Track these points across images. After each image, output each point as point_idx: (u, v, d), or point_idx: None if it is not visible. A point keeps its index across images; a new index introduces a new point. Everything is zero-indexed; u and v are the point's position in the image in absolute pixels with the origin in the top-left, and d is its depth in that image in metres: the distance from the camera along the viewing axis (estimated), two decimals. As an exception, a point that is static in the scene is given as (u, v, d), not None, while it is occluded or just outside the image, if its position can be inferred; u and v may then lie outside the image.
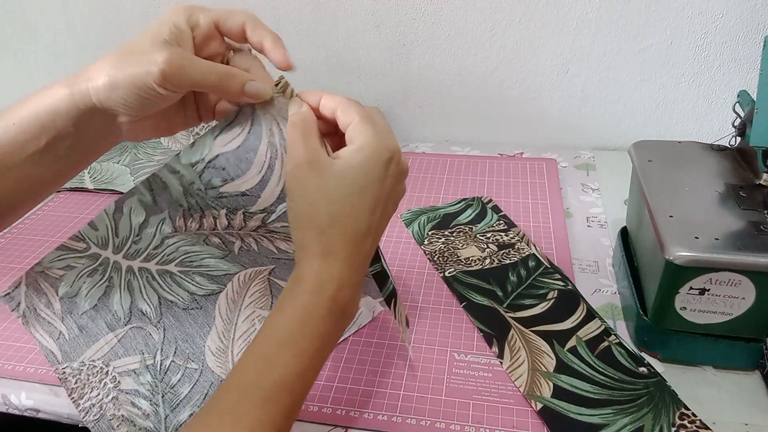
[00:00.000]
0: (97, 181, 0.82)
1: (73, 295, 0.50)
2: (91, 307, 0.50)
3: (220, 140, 0.42)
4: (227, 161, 0.42)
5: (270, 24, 0.44)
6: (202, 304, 0.50)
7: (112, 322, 0.50)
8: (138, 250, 0.48)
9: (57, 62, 1.02)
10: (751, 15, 0.73)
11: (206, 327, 0.50)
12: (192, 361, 0.49)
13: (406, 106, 0.92)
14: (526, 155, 0.85)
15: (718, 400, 0.46)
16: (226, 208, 0.44)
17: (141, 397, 0.47)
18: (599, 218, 0.70)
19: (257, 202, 0.42)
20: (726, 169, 0.53)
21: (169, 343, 0.50)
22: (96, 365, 0.49)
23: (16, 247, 0.70)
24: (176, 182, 0.44)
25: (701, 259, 0.43)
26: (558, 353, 0.50)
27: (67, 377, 0.48)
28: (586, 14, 0.78)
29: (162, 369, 0.49)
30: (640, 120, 0.84)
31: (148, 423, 0.46)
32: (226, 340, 0.50)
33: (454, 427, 0.45)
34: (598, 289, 0.58)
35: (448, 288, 0.59)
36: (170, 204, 0.46)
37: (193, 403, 0.47)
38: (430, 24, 0.84)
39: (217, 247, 0.48)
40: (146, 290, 0.50)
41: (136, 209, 0.46)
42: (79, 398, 0.47)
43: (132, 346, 0.50)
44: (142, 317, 0.50)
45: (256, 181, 0.42)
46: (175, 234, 0.47)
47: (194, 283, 0.50)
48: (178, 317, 0.50)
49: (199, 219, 0.45)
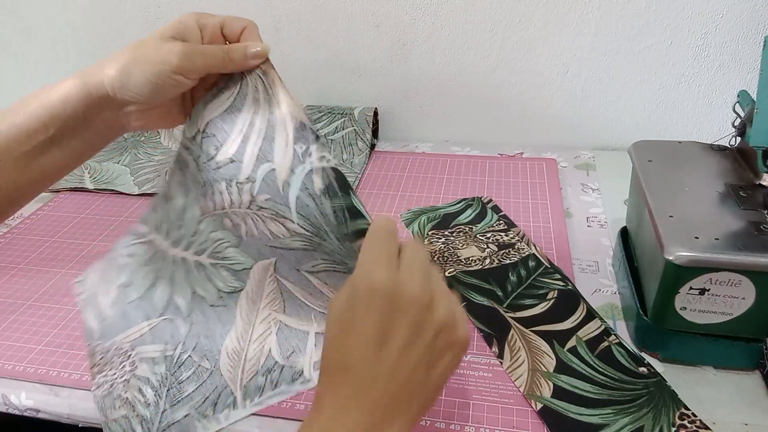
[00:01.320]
0: (97, 181, 0.82)
1: (128, 285, 0.53)
2: (138, 297, 0.53)
3: (210, 107, 0.45)
4: (215, 126, 0.44)
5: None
6: (227, 301, 0.51)
7: (150, 312, 0.52)
8: (182, 237, 0.50)
9: (57, 62, 1.02)
10: (751, 15, 0.73)
11: (228, 326, 0.51)
12: (207, 360, 0.50)
13: (406, 106, 0.92)
14: (526, 155, 0.85)
15: (718, 400, 0.46)
16: (224, 180, 0.45)
17: (149, 386, 0.48)
18: (599, 218, 0.70)
19: (242, 168, 0.44)
20: (726, 169, 0.53)
21: (192, 338, 0.51)
22: (123, 348, 0.51)
23: (16, 247, 0.70)
24: (191, 158, 0.46)
25: (701, 259, 0.43)
26: (558, 353, 0.50)
27: (95, 352, 0.51)
28: (586, 14, 0.78)
29: (177, 362, 0.50)
30: (640, 120, 0.84)
31: (146, 411, 0.47)
32: (243, 342, 0.50)
33: (454, 427, 0.45)
34: (598, 289, 0.58)
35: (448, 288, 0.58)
36: (194, 182, 0.47)
37: (193, 403, 0.47)
38: (430, 24, 0.84)
39: (232, 232, 0.48)
40: (183, 284, 0.51)
41: (178, 191, 0.49)
42: (98, 373, 0.50)
43: (159, 336, 0.52)
44: (176, 310, 0.52)
45: (239, 141, 0.44)
46: (203, 217, 0.48)
47: (221, 278, 0.51)
48: (205, 313, 0.51)
49: (211, 195, 0.47)
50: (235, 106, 0.44)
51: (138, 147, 0.91)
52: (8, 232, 0.73)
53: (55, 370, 0.52)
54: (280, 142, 0.43)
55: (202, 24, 0.44)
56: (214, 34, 0.44)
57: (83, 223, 0.74)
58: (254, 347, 0.50)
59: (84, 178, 0.83)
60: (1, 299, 0.61)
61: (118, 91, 0.42)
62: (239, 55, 0.43)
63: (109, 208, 0.77)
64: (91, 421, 0.50)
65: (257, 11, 0.86)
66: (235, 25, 0.45)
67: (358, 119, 0.88)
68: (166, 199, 0.50)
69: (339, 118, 0.88)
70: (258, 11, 0.87)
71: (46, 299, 0.61)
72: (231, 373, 0.49)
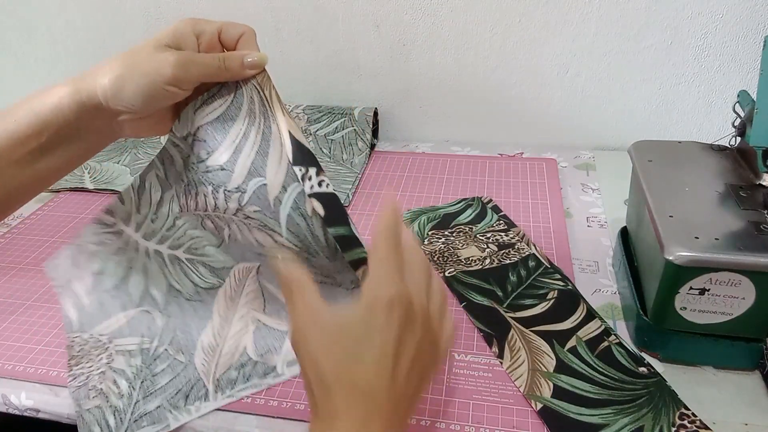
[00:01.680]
0: (97, 181, 0.82)
1: (102, 273, 0.53)
2: (113, 286, 0.53)
3: (201, 112, 0.44)
4: (206, 133, 0.44)
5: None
6: (203, 297, 0.51)
7: (126, 302, 0.52)
8: (154, 230, 0.50)
9: (57, 62, 1.02)
10: (751, 15, 0.73)
11: (204, 321, 0.51)
12: (182, 353, 0.50)
13: (406, 106, 0.92)
14: (526, 155, 0.85)
15: (718, 400, 0.46)
16: (211, 185, 0.44)
17: (124, 378, 0.49)
18: (599, 218, 0.70)
19: (232, 177, 0.43)
20: (726, 169, 0.53)
21: (168, 332, 0.51)
22: (101, 340, 0.52)
23: (16, 247, 0.70)
24: (178, 155, 0.46)
25: (701, 259, 0.43)
26: (558, 353, 0.50)
27: (73, 345, 0.52)
28: (586, 14, 0.78)
29: (153, 355, 0.51)
30: (640, 120, 0.84)
31: (119, 402, 0.48)
32: (219, 338, 0.51)
33: (454, 427, 0.45)
34: (598, 289, 0.58)
35: (448, 288, 0.59)
36: (176, 179, 0.47)
37: (166, 395, 0.48)
38: (430, 24, 0.84)
39: (213, 233, 0.48)
40: (158, 276, 0.52)
41: (154, 184, 0.49)
42: (75, 365, 0.51)
43: (136, 328, 0.52)
44: (152, 302, 0.52)
45: (230, 151, 0.43)
46: (182, 214, 0.48)
47: (198, 274, 0.51)
48: (181, 306, 0.52)
49: (194, 196, 0.46)
50: (229, 114, 0.43)
51: (138, 147, 0.91)
52: (8, 232, 0.73)
53: (55, 370, 0.52)
54: (274, 158, 0.43)
55: (198, 31, 0.43)
56: (211, 41, 0.43)
57: (83, 223, 0.73)
58: (230, 344, 0.50)
59: (84, 178, 0.83)
60: (1, 299, 0.61)
61: (111, 101, 0.41)
62: (236, 64, 0.42)
63: (109, 208, 0.77)
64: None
65: (257, 11, 0.86)
66: (233, 31, 0.43)
67: (358, 119, 0.88)
68: (138, 192, 0.49)
69: (339, 118, 0.88)
70: (258, 11, 0.86)
71: (46, 299, 0.61)
72: (205, 367, 0.49)
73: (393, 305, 0.33)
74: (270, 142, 0.43)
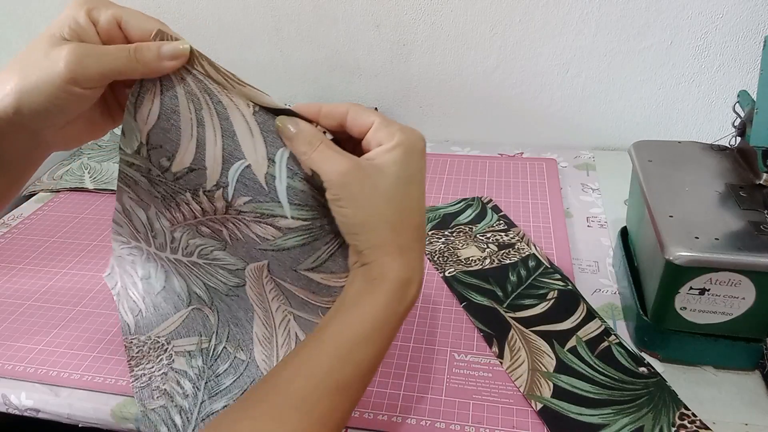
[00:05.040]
0: (97, 181, 0.82)
1: (148, 277, 0.53)
2: (162, 288, 0.53)
3: (140, 117, 0.38)
4: (157, 137, 0.38)
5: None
6: (237, 292, 0.50)
7: (178, 302, 0.52)
8: (161, 244, 0.49)
9: (57, 62, 1.02)
10: (751, 15, 0.73)
11: (250, 312, 0.49)
12: (242, 350, 0.50)
13: (406, 106, 0.92)
14: (526, 155, 0.85)
15: (718, 400, 0.46)
16: (188, 191, 0.41)
17: (187, 379, 0.49)
18: (599, 218, 0.70)
19: (206, 175, 0.39)
20: (726, 169, 0.53)
21: (223, 326, 0.51)
22: (159, 341, 0.52)
23: (16, 247, 0.70)
24: (138, 174, 0.42)
25: (701, 259, 0.43)
26: (558, 353, 0.50)
27: (131, 346, 0.52)
28: (586, 14, 0.78)
29: (213, 355, 0.50)
30: (640, 120, 0.84)
31: (185, 402, 0.48)
32: (270, 327, 0.48)
33: (454, 427, 0.45)
34: (598, 289, 0.58)
35: (448, 288, 0.59)
36: (149, 198, 0.44)
37: (231, 395, 0.48)
38: (430, 24, 0.84)
39: (212, 238, 0.46)
40: (192, 277, 0.51)
41: (133, 206, 0.47)
42: (135, 366, 0.51)
43: (192, 327, 0.52)
44: (198, 299, 0.52)
45: (193, 146, 0.38)
46: (174, 227, 0.47)
47: (221, 275, 0.49)
48: (224, 300, 0.51)
49: (177, 208, 0.43)
50: (168, 107, 0.37)
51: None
52: (8, 232, 0.73)
53: (55, 370, 0.52)
54: (244, 133, 0.38)
55: (93, 18, 0.35)
56: (109, 30, 0.36)
57: (83, 223, 0.74)
58: (281, 332, 0.49)
59: (84, 178, 0.83)
60: (1, 299, 0.61)
61: (16, 116, 0.34)
62: (150, 56, 0.35)
63: (109, 208, 0.77)
64: (91, 421, 0.50)
65: (257, 11, 0.86)
66: (137, 23, 0.36)
67: (358, 119, 0.87)
68: (125, 214, 0.47)
69: (339, 118, 0.88)
70: (258, 11, 0.86)
71: (46, 299, 0.61)
72: (266, 363, 0.48)
73: (424, 149, 0.38)
74: (229, 118, 0.37)
